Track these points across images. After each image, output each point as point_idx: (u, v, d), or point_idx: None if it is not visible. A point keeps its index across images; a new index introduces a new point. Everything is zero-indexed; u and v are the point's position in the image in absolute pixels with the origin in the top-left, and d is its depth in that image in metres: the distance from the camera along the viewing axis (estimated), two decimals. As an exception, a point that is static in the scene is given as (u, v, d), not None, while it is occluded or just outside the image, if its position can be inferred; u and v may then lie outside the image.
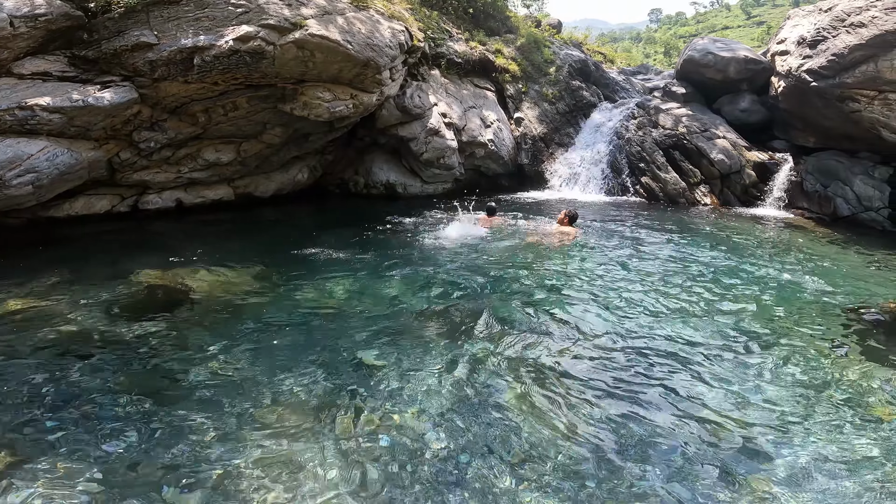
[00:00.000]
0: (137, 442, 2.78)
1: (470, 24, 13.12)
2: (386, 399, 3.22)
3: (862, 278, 5.93)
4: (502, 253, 6.47)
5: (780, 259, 6.58)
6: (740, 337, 4.19)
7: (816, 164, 9.79)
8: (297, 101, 8.04)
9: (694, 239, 7.44)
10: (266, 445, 2.77)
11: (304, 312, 4.52)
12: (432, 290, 5.09)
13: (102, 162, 7.23)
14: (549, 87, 12.74)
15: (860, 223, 8.92)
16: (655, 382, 3.49)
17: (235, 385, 3.34)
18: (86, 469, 2.57)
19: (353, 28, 7.87)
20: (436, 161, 10.18)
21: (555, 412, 3.12)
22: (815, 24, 9.66)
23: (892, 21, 8.21)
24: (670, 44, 52.78)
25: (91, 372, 3.47)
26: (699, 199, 10.41)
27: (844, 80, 8.76)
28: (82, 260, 5.89)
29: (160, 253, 6.05)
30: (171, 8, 6.99)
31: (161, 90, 7.07)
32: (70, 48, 6.69)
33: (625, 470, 2.66)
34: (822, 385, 3.52)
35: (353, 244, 6.76)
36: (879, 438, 2.97)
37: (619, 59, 19.05)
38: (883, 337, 4.37)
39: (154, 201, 8.26)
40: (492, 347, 3.89)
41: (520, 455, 2.74)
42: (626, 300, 4.91)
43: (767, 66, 11.10)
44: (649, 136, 11.26)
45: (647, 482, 2.58)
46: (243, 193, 9.27)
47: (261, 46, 6.97)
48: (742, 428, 3.03)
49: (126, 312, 4.44)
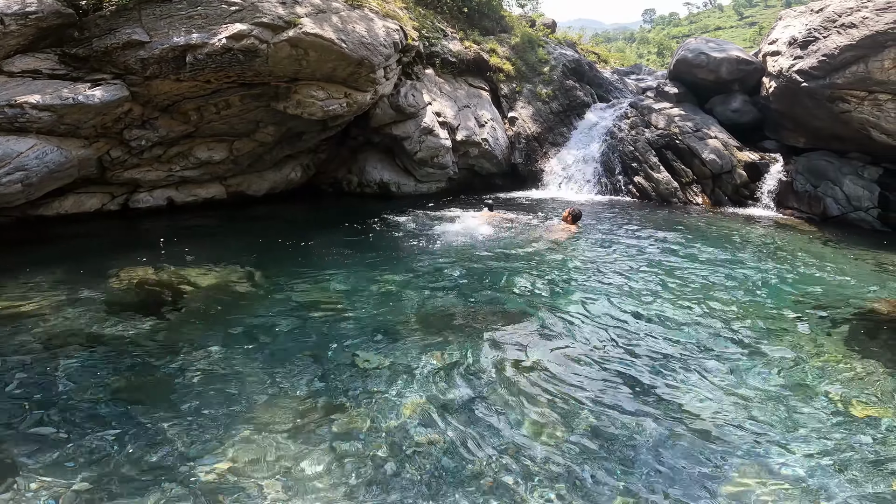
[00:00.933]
0: (126, 442, 2.76)
1: (464, 24, 13.13)
2: (380, 398, 3.22)
3: (850, 278, 6.00)
4: (498, 250, 6.49)
5: (769, 258, 6.64)
6: (726, 335, 4.23)
7: (806, 164, 9.88)
8: (290, 100, 8.02)
9: (685, 239, 7.49)
10: (258, 445, 2.77)
11: (297, 311, 4.51)
12: (426, 289, 5.10)
13: (92, 160, 7.18)
14: (544, 87, 12.77)
15: (850, 223, 9.01)
16: (644, 380, 3.52)
17: (227, 385, 3.33)
18: (74, 470, 2.55)
19: (347, 27, 7.85)
20: (430, 160, 10.18)
21: (546, 410, 3.14)
22: (807, 24, 9.74)
23: (883, 22, 8.29)
24: (663, 44, 53.07)
25: (79, 371, 3.45)
26: (691, 198, 10.48)
27: (835, 81, 8.84)
28: (72, 259, 5.85)
29: (151, 252, 6.02)
30: (164, 6, 6.94)
31: (152, 88, 7.02)
32: (61, 46, 6.63)
33: (614, 466, 2.68)
34: (807, 383, 3.56)
35: (347, 243, 6.76)
36: (861, 436, 3.01)
37: (613, 60, 19.12)
38: (870, 335, 4.42)
39: (145, 200, 8.20)
40: (485, 345, 3.90)
41: (513, 452, 2.76)
42: (618, 300, 4.94)
43: (759, 67, 11.18)
44: (642, 136, 11.32)
45: (634, 478, 2.60)
46: (236, 192, 9.23)
47: (254, 45, 6.95)
48: (726, 425, 3.06)
49: (115, 311, 4.41)
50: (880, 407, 3.30)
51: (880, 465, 2.75)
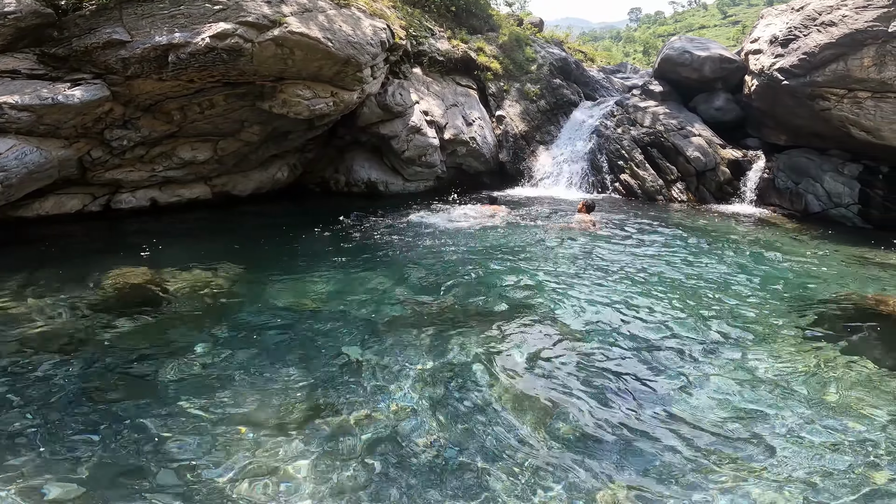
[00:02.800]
0: (110, 446, 2.73)
1: (452, 22, 13.12)
2: (370, 397, 3.22)
3: (831, 273, 6.11)
4: (491, 245, 6.50)
5: (751, 255, 6.74)
6: (712, 331, 4.29)
7: (788, 161, 10.04)
8: (276, 99, 7.95)
9: (669, 236, 7.57)
10: (246, 447, 2.75)
11: (285, 312, 4.49)
12: (414, 287, 5.10)
13: (73, 160, 7.06)
14: (531, 86, 12.82)
15: (830, 219, 9.17)
16: (632, 377, 3.56)
17: (213, 386, 3.30)
18: (56, 474, 2.52)
19: (333, 26, 7.80)
20: (418, 159, 10.17)
21: (537, 405, 3.16)
22: (788, 23, 9.89)
23: (863, 20, 8.44)
24: (649, 43, 53.50)
25: (61, 374, 3.39)
26: (676, 196, 10.60)
27: (815, 79, 9.00)
28: (53, 260, 5.75)
29: (134, 253, 5.94)
30: (145, 5, 6.84)
31: (134, 88, 6.92)
32: (40, 46, 6.51)
33: (606, 462, 2.71)
34: (791, 379, 3.62)
35: (334, 242, 6.73)
36: (846, 431, 3.08)
37: (600, 58, 19.24)
38: (852, 331, 4.52)
39: (127, 200, 8.08)
40: (475, 341, 3.91)
41: (504, 449, 2.77)
42: (606, 298, 4.98)
43: (741, 66, 11.33)
44: (628, 134, 11.42)
45: (628, 477, 2.64)
46: (221, 192, 9.13)
47: (238, 44, 6.88)
48: (716, 420, 3.11)
49: (98, 313, 4.35)
50: (862, 399, 3.37)
51: (862, 460, 2.82)
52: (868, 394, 3.43)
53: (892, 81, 8.24)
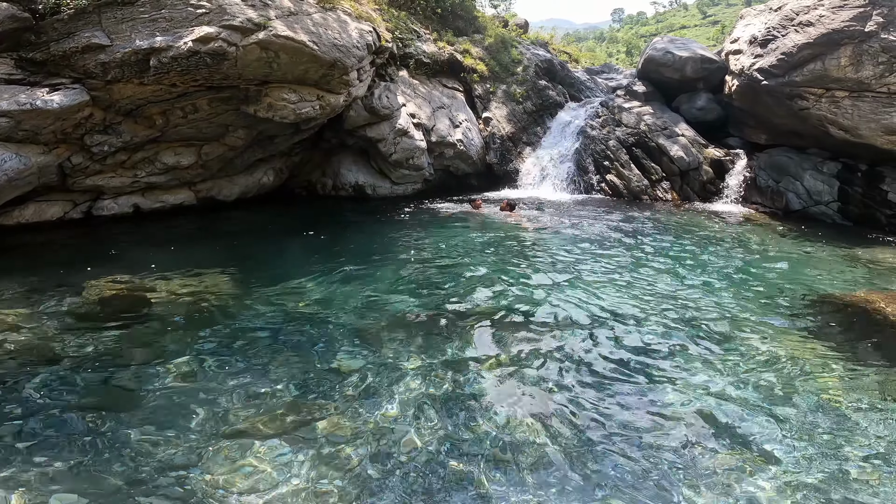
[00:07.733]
0: (96, 457, 2.68)
1: (438, 24, 13.14)
2: (360, 402, 3.20)
3: (811, 270, 6.24)
4: (480, 248, 6.52)
5: (735, 251, 6.86)
6: (695, 327, 4.35)
7: (768, 160, 10.22)
8: (261, 103, 7.89)
9: (654, 235, 7.66)
10: (236, 455, 2.72)
11: (272, 318, 4.45)
12: (404, 291, 5.09)
13: (53, 167, 6.92)
14: (517, 87, 12.88)
15: (811, 217, 9.36)
16: (623, 377, 3.59)
17: (201, 395, 3.26)
18: (42, 487, 2.46)
19: (319, 29, 7.76)
20: (405, 162, 10.16)
21: (529, 409, 3.17)
22: (766, 23, 10.08)
23: (839, 20, 8.62)
24: (632, 43, 54.10)
25: (44, 385, 3.32)
26: (661, 195, 10.73)
27: (793, 79, 9.18)
28: (34, 269, 5.62)
29: (117, 260, 5.85)
30: (125, 9, 6.73)
31: (115, 92, 6.81)
32: (17, 50, 6.38)
33: (600, 461, 2.73)
34: (775, 373, 3.69)
35: (322, 247, 6.69)
36: (832, 423, 3.14)
37: (584, 59, 19.40)
38: (833, 326, 4.61)
39: (109, 207, 7.95)
40: (465, 345, 3.92)
41: (496, 451, 2.78)
42: (592, 296, 5.02)
43: (722, 66, 11.52)
44: (613, 135, 11.54)
45: (619, 473, 2.66)
46: (205, 197, 9.03)
47: (222, 47, 6.80)
48: (705, 417, 3.15)
49: (81, 323, 4.27)
50: (847, 394, 3.44)
51: (846, 449, 2.88)
52: (850, 388, 3.50)
53: (868, 81, 8.43)
